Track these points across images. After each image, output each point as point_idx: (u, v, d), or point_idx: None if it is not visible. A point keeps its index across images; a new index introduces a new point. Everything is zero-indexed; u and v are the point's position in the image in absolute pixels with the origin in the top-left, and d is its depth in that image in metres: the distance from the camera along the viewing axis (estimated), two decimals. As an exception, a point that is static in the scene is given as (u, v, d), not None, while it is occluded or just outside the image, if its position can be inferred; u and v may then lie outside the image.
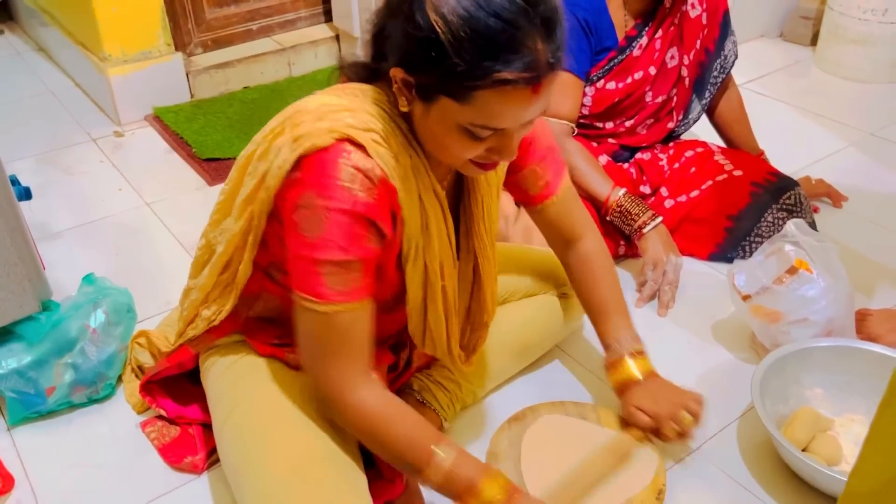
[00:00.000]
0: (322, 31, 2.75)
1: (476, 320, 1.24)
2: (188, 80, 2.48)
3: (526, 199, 1.27)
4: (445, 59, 0.88)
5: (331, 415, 1.09)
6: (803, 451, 1.24)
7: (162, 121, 2.37)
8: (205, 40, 2.51)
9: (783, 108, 2.48)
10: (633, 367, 1.26)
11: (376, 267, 1.04)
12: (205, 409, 1.26)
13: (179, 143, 2.27)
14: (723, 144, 1.93)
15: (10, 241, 1.32)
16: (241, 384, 1.15)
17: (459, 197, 1.17)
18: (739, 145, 1.90)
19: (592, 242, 1.31)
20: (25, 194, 1.64)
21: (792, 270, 1.37)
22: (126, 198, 2.04)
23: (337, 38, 2.74)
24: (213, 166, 2.15)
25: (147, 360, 1.38)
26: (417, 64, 0.92)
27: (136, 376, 1.41)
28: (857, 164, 2.15)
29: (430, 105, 0.95)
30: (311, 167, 0.96)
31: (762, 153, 1.91)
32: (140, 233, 1.90)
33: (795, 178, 1.90)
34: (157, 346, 1.34)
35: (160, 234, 1.89)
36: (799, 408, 1.31)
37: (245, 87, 2.58)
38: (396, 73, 0.95)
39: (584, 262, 1.30)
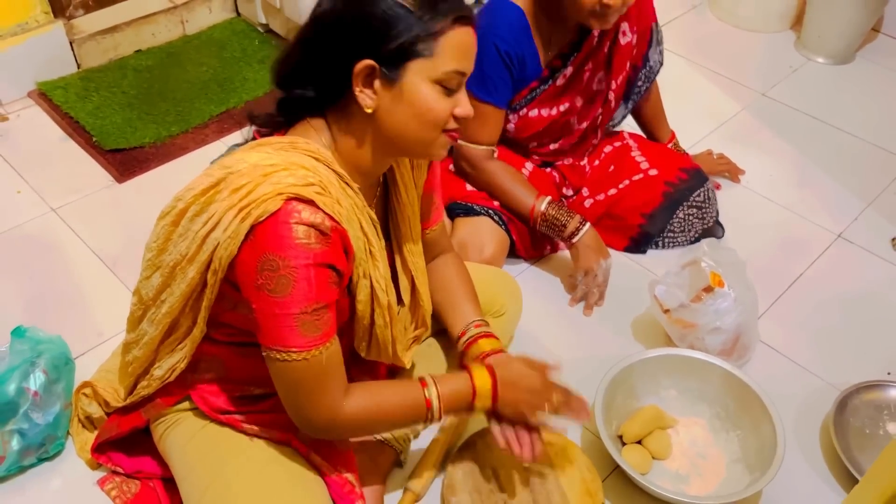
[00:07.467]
0: (214, -19, 2.56)
1: (419, 319, 1.34)
2: (73, 49, 2.28)
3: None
4: (410, 17, 0.98)
5: (322, 436, 1.18)
6: (637, 442, 1.42)
7: (50, 99, 2.19)
8: (85, 1, 2.29)
9: (681, 63, 2.56)
10: (486, 345, 1.29)
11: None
12: (161, 463, 1.30)
13: (75, 128, 2.12)
14: (638, 131, 2.00)
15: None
16: (207, 462, 1.18)
17: (387, 215, 1.25)
18: (655, 133, 1.98)
19: (451, 256, 1.41)
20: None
21: (708, 289, 1.51)
22: (28, 202, 1.91)
23: (231, -12, 2.56)
24: (118, 159, 2.03)
25: (95, 411, 1.37)
26: (380, 41, 1.00)
27: (85, 427, 1.40)
28: (749, 131, 2.29)
29: (398, 82, 1.02)
30: (265, 232, 0.99)
31: (673, 135, 2.00)
32: (52, 249, 1.80)
33: (699, 150, 2.08)
34: (104, 397, 1.34)
35: (75, 249, 1.80)
36: (646, 405, 1.46)
37: (137, 51, 2.40)
38: (360, 66, 1.00)
39: (442, 263, 1.39)
